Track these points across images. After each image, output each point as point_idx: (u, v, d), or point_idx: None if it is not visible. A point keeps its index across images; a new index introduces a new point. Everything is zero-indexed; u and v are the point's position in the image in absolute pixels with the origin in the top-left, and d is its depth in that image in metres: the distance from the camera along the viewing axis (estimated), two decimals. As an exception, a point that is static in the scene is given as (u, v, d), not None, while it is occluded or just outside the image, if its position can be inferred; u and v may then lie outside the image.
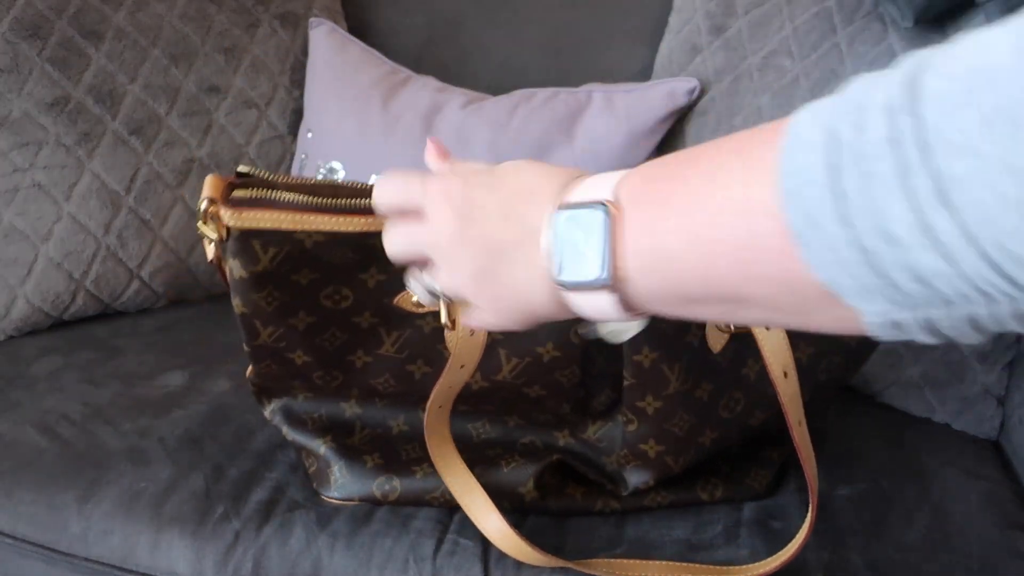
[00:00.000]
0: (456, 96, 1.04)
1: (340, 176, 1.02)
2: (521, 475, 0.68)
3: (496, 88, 1.10)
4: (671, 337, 0.63)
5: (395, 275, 0.60)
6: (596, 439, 0.70)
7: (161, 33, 1.04)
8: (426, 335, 0.63)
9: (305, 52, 1.12)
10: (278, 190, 0.56)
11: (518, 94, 1.04)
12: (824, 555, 0.65)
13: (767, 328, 0.59)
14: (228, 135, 1.07)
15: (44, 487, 0.72)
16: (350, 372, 0.67)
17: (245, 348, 0.64)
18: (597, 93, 1.01)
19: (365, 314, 0.63)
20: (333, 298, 0.61)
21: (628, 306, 0.38)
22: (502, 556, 0.64)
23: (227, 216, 0.55)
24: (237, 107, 1.07)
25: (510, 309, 0.44)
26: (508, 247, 0.42)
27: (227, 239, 0.56)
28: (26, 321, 0.98)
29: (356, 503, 0.69)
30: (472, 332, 0.57)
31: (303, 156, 1.06)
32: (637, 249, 0.36)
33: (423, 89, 1.05)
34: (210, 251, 0.57)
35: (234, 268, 0.58)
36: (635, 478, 0.68)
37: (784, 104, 0.95)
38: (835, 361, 0.66)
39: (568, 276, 0.39)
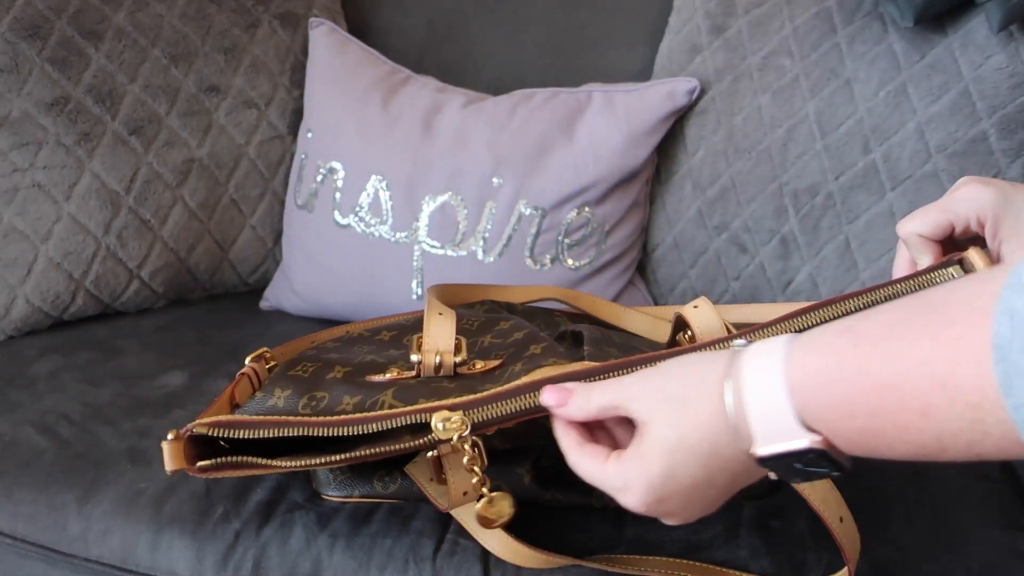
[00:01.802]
0: (456, 96, 1.04)
1: (340, 176, 1.02)
2: (519, 457, 0.68)
3: (496, 88, 1.10)
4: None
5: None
6: None
7: (161, 33, 1.04)
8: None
9: (305, 52, 1.12)
10: (240, 455, 0.55)
11: (518, 94, 1.04)
12: (824, 555, 0.65)
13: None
14: (228, 135, 1.07)
15: (44, 487, 0.72)
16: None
17: None
18: (597, 93, 1.01)
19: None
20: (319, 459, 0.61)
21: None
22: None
23: (198, 474, 0.55)
24: (237, 107, 1.07)
25: (720, 504, 0.48)
26: (733, 491, 0.46)
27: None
28: (26, 321, 0.98)
29: (356, 501, 0.69)
30: (465, 494, 0.57)
31: (303, 156, 1.06)
32: (863, 454, 0.39)
33: (423, 89, 1.05)
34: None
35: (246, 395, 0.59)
36: None
37: (784, 104, 0.95)
38: None
39: (807, 480, 0.43)
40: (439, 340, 0.60)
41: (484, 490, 0.55)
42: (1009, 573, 0.65)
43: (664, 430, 0.44)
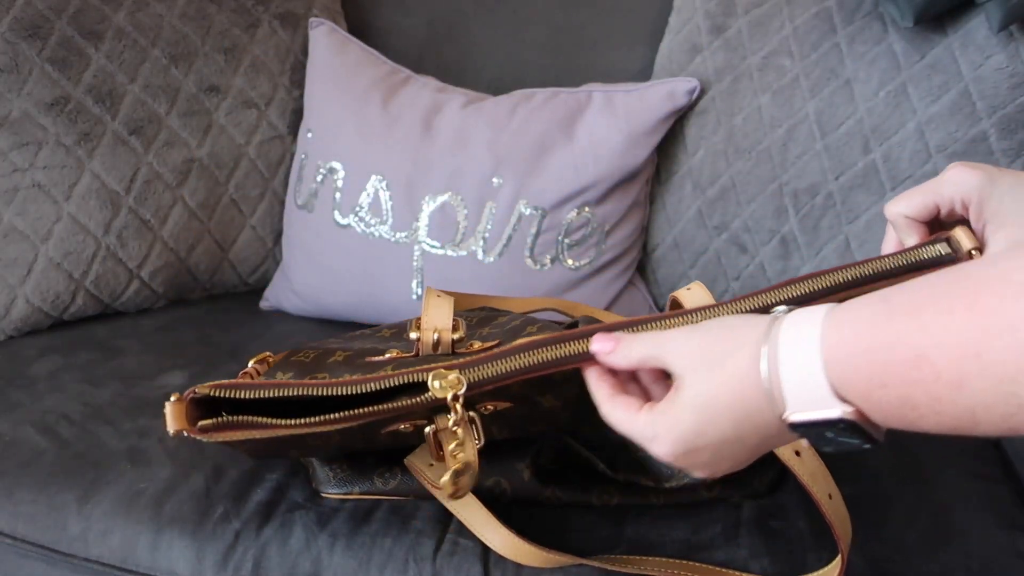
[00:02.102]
0: (456, 96, 1.04)
1: (340, 176, 1.02)
2: (519, 453, 0.68)
3: (496, 88, 1.10)
4: None
5: (382, 418, 0.59)
6: (593, 434, 0.70)
7: (161, 33, 1.04)
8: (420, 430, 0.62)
9: (305, 52, 1.12)
10: (242, 414, 0.55)
11: (518, 94, 1.04)
12: (824, 555, 0.65)
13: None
14: (228, 135, 1.07)
15: (44, 487, 0.72)
16: (350, 451, 0.67)
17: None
18: (597, 93, 1.01)
19: (357, 440, 0.62)
20: (322, 439, 0.61)
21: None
22: (502, 556, 0.64)
23: (201, 437, 0.55)
24: (237, 107, 1.07)
25: (749, 462, 0.48)
26: (759, 452, 0.46)
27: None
28: (26, 321, 0.98)
29: (356, 498, 0.69)
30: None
31: (303, 156, 1.06)
32: (894, 427, 0.39)
33: (423, 89, 1.05)
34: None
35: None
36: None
37: (784, 104, 0.95)
38: None
39: (838, 453, 0.43)
40: (437, 319, 0.61)
41: (473, 459, 0.55)
42: (1009, 573, 0.65)
43: (699, 386, 0.45)
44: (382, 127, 1.01)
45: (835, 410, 0.39)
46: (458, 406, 0.53)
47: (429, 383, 0.53)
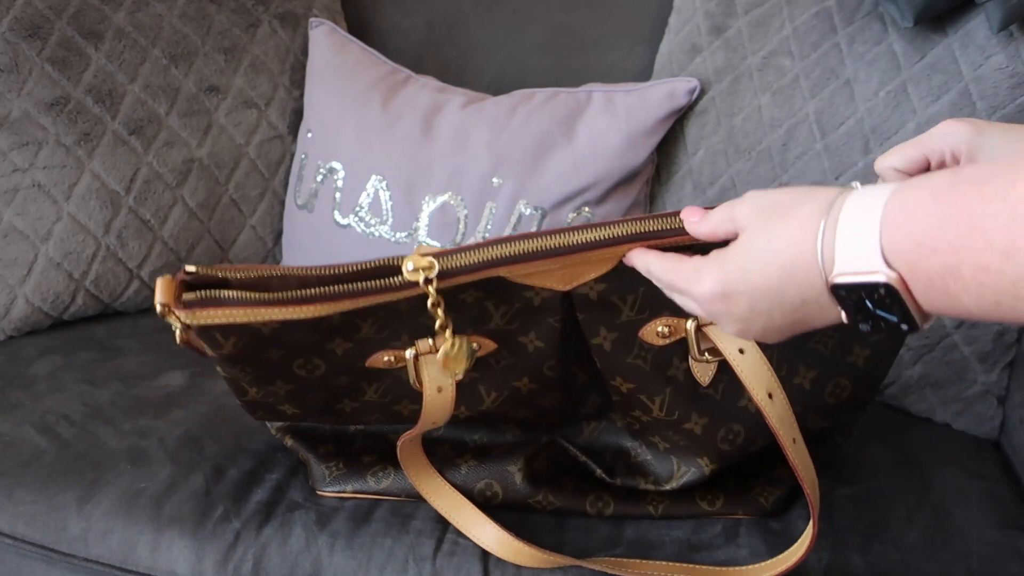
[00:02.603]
0: (456, 96, 1.04)
1: (340, 176, 1.02)
2: (511, 456, 0.69)
3: (496, 88, 1.10)
4: (648, 371, 0.62)
5: (361, 341, 0.59)
6: (590, 442, 0.70)
7: (161, 33, 1.04)
8: (405, 382, 0.63)
9: (305, 52, 1.12)
10: (226, 288, 0.56)
11: (518, 94, 1.04)
12: (824, 555, 0.65)
13: (741, 351, 0.58)
14: (228, 135, 1.07)
15: (44, 487, 0.72)
16: (340, 415, 0.67)
17: (238, 401, 0.65)
18: (597, 93, 1.01)
19: (341, 377, 0.62)
20: (306, 368, 0.61)
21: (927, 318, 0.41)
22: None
23: (182, 316, 0.55)
24: (237, 107, 1.07)
25: (790, 335, 0.48)
26: (796, 319, 0.46)
27: (189, 328, 0.56)
28: (26, 321, 0.98)
29: (350, 496, 0.70)
30: (440, 389, 0.60)
31: (303, 156, 1.06)
32: (932, 305, 0.39)
33: (423, 89, 1.05)
34: (178, 335, 0.58)
35: (205, 348, 0.59)
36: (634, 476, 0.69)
37: (784, 104, 0.95)
38: (842, 384, 0.65)
39: (875, 330, 0.42)
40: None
41: (448, 336, 0.57)
42: (1009, 573, 0.65)
43: (753, 230, 0.46)
44: (382, 127, 1.01)
45: (879, 274, 0.39)
46: (431, 289, 0.54)
47: (403, 267, 0.54)
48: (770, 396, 0.58)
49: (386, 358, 0.61)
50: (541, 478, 0.69)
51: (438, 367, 0.59)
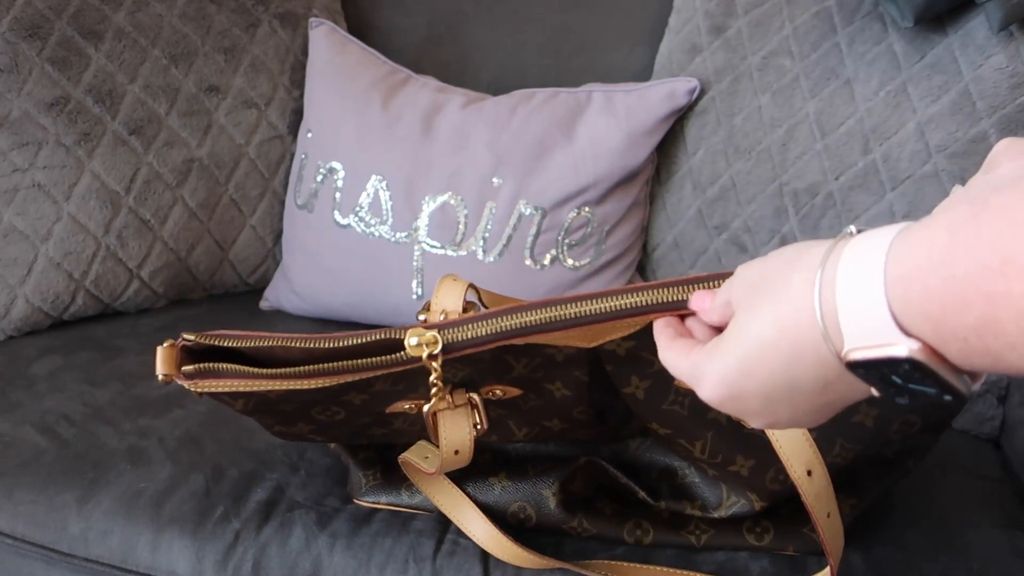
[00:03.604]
0: (456, 96, 1.04)
1: (340, 176, 1.02)
2: (547, 477, 0.66)
3: (496, 88, 1.10)
4: (686, 416, 0.59)
5: (377, 393, 0.58)
6: (636, 458, 0.67)
7: (161, 33, 1.04)
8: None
9: (305, 52, 1.12)
10: (225, 360, 0.55)
11: (518, 94, 1.04)
12: (825, 560, 0.65)
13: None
14: (228, 135, 1.07)
15: (44, 487, 0.72)
16: (372, 438, 0.67)
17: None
18: (597, 93, 1.01)
19: (363, 418, 0.62)
20: (326, 414, 0.61)
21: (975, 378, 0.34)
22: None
23: (186, 384, 0.55)
24: (237, 107, 1.07)
25: (829, 416, 0.41)
26: (824, 401, 0.38)
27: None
28: (26, 321, 0.98)
29: (384, 508, 0.69)
30: (456, 452, 0.58)
31: (303, 156, 1.06)
32: (971, 364, 0.31)
33: (423, 89, 1.05)
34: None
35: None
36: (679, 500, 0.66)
37: (784, 104, 0.95)
38: (910, 420, 0.60)
39: (915, 405, 0.35)
40: (446, 300, 0.60)
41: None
42: (1009, 573, 0.65)
43: (743, 315, 0.39)
44: (382, 127, 1.01)
45: (897, 346, 0.31)
46: (436, 365, 0.52)
47: (406, 341, 0.52)
48: (809, 473, 0.55)
49: (407, 406, 0.59)
50: (577, 502, 0.66)
51: (453, 427, 0.57)
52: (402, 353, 0.53)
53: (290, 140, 1.11)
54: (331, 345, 0.54)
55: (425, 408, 0.57)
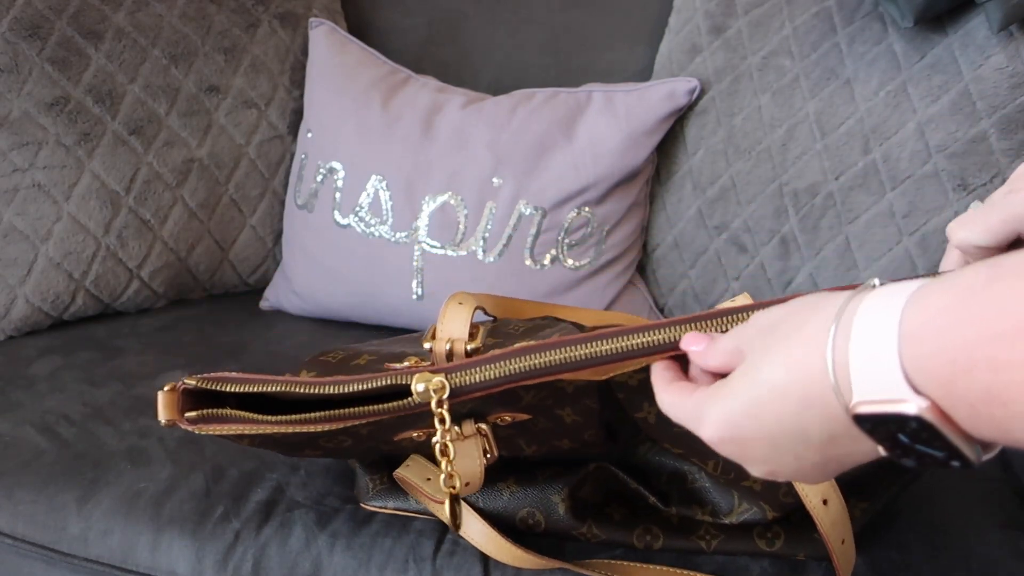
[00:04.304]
0: (456, 96, 1.04)
1: (340, 176, 1.02)
2: (556, 483, 0.65)
3: (496, 88, 1.10)
4: (698, 440, 0.59)
5: (384, 424, 0.57)
6: (645, 462, 0.66)
7: (161, 33, 1.04)
8: None
9: (305, 52, 1.12)
10: (226, 407, 0.55)
11: (518, 94, 1.04)
12: (825, 563, 0.65)
13: None
14: (228, 135, 1.07)
15: (44, 487, 0.72)
16: (382, 453, 0.66)
17: None
18: (597, 93, 1.01)
19: (370, 444, 0.61)
20: (333, 442, 0.60)
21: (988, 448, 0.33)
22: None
23: (190, 428, 0.55)
24: (237, 107, 1.07)
25: (836, 473, 0.40)
26: (831, 455, 0.37)
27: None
28: (26, 321, 0.98)
29: (391, 513, 0.68)
30: (467, 484, 0.57)
31: (303, 156, 1.06)
32: (984, 436, 0.30)
33: (423, 89, 1.05)
34: None
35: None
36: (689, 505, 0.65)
37: (784, 104, 0.95)
38: None
39: (922, 466, 0.34)
40: (452, 328, 0.59)
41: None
42: (1009, 573, 0.65)
43: (754, 358, 0.38)
44: (382, 127, 1.01)
45: (906, 403, 0.30)
46: (444, 412, 0.51)
47: (412, 387, 0.51)
48: (825, 503, 0.54)
49: (415, 434, 0.58)
50: (586, 508, 0.66)
51: (463, 457, 0.56)
52: (410, 400, 0.52)
53: (290, 140, 1.11)
54: (336, 391, 0.53)
55: (434, 440, 0.56)
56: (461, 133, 1.00)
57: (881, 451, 0.35)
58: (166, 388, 0.55)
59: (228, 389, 0.55)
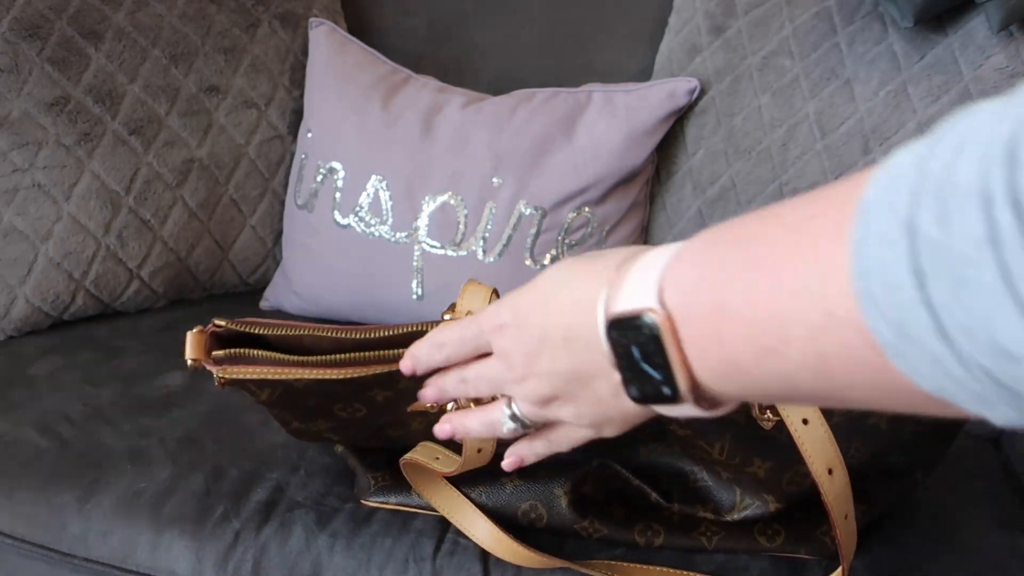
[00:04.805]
0: (456, 96, 1.04)
1: (340, 176, 1.02)
2: (559, 477, 0.66)
3: (496, 88, 1.10)
4: (705, 418, 0.60)
5: (401, 391, 0.59)
6: (648, 463, 0.67)
7: (161, 33, 1.04)
8: None
9: (305, 52, 1.12)
10: (254, 347, 0.56)
11: (518, 94, 1.04)
12: (825, 562, 0.65)
13: (805, 422, 0.55)
14: (228, 135, 1.07)
15: (44, 487, 0.72)
16: (388, 441, 0.67)
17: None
18: (597, 93, 1.01)
19: (384, 418, 0.62)
20: (347, 410, 0.61)
21: (715, 404, 0.36)
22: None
23: (213, 371, 0.56)
24: (237, 107, 1.07)
25: (602, 422, 0.43)
26: (581, 371, 0.40)
27: (224, 382, 0.57)
28: (26, 321, 0.98)
29: (393, 508, 0.69)
30: (479, 450, 0.58)
31: (303, 156, 1.06)
32: (705, 363, 0.33)
33: (423, 89, 1.05)
34: (216, 379, 0.58)
35: (245, 394, 0.59)
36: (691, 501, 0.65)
37: (784, 104, 0.95)
38: (923, 422, 0.61)
39: (642, 397, 0.37)
40: (472, 302, 0.60)
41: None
42: (1009, 573, 0.65)
43: (549, 274, 0.42)
44: (382, 127, 1.01)
45: (647, 312, 0.34)
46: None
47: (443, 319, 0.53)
48: (830, 472, 0.55)
49: (428, 404, 0.59)
50: (589, 504, 0.66)
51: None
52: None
53: (290, 140, 1.11)
54: (361, 336, 0.56)
55: (449, 406, 0.57)
56: (461, 133, 1.00)
57: (615, 374, 0.38)
58: (195, 330, 0.57)
59: (257, 331, 0.57)
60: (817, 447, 0.55)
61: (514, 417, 0.46)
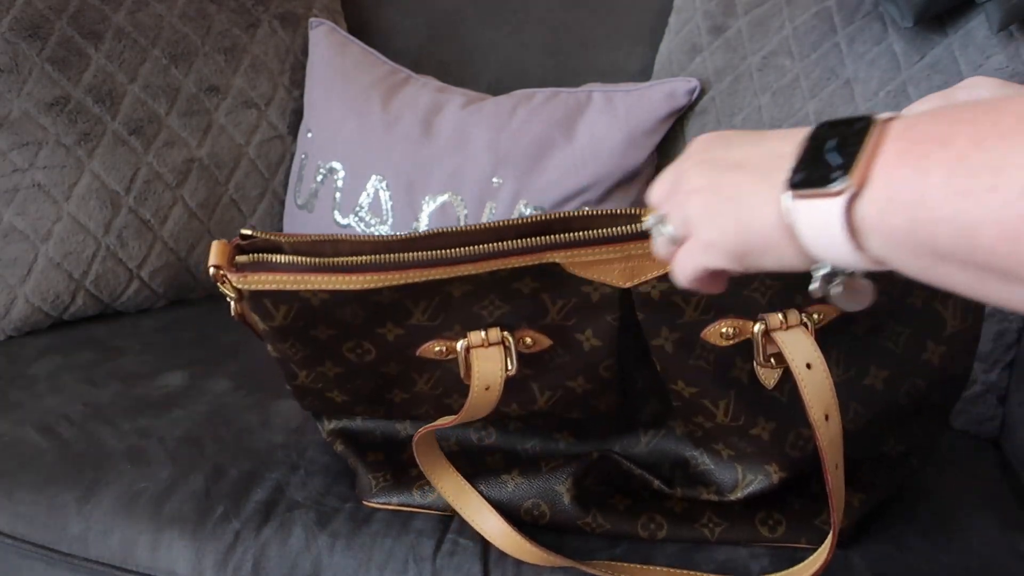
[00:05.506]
0: (456, 96, 1.04)
1: (340, 176, 1.02)
2: (560, 473, 0.66)
3: (496, 88, 1.10)
4: (711, 372, 0.60)
5: (413, 328, 0.60)
6: (648, 452, 0.67)
7: (161, 33, 1.04)
8: (456, 373, 0.62)
9: (305, 52, 1.12)
10: (278, 253, 0.57)
11: (518, 94, 1.04)
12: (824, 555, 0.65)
13: (808, 366, 0.56)
14: (228, 135, 1.07)
15: (44, 487, 0.72)
16: (391, 406, 0.67)
17: (287, 387, 0.66)
18: (597, 93, 1.01)
19: (391, 364, 0.62)
20: (356, 352, 0.61)
21: (860, 244, 0.34)
22: (502, 556, 0.64)
23: (234, 279, 0.57)
24: (237, 107, 1.07)
25: (727, 230, 0.40)
26: (744, 162, 0.39)
27: (242, 298, 0.58)
28: (26, 321, 0.98)
29: (395, 508, 0.69)
30: (488, 388, 0.59)
31: (303, 156, 1.06)
32: (891, 178, 0.31)
33: (423, 89, 1.05)
34: (233, 307, 0.59)
35: (256, 321, 0.60)
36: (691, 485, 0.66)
37: (784, 104, 0.95)
38: (918, 385, 0.62)
39: (803, 180, 0.35)
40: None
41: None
42: (1009, 573, 0.65)
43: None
44: (382, 127, 1.01)
45: (869, 120, 0.33)
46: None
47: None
48: (826, 417, 0.56)
49: (437, 348, 0.60)
50: (591, 498, 0.66)
51: (487, 362, 0.59)
52: (456, 250, 0.56)
53: (290, 140, 1.11)
54: (380, 240, 0.56)
55: (459, 345, 0.59)
56: (461, 133, 1.00)
57: (779, 178, 0.36)
58: (221, 240, 0.58)
59: (282, 239, 0.57)
60: (817, 391, 0.56)
61: (666, 235, 0.44)
